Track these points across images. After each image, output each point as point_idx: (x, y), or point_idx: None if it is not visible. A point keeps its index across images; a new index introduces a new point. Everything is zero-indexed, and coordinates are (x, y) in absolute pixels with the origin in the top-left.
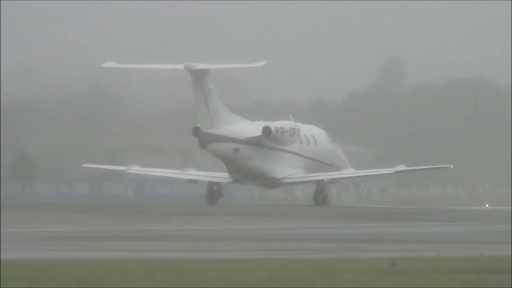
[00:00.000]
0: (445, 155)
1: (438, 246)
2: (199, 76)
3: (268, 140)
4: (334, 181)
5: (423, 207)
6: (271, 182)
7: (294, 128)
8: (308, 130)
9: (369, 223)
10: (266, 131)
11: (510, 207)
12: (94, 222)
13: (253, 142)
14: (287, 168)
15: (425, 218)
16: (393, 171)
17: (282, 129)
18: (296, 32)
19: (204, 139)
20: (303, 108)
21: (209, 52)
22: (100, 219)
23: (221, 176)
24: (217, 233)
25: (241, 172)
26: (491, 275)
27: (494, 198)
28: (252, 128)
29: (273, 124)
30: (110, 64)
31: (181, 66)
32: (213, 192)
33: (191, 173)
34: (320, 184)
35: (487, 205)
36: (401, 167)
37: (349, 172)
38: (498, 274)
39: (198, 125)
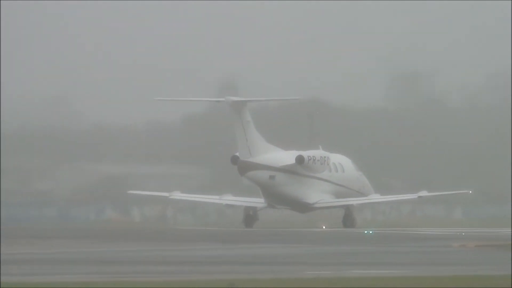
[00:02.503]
0: None
1: (274, 267)
2: (238, 108)
3: (301, 168)
4: (362, 206)
5: (262, 229)
6: (304, 207)
7: (324, 157)
8: (336, 158)
9: (207, 245)
10: (300, 159)
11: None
12: None
13: (288, 170)
14: (318, 194)
15: (261, 240)
16: (416, 196)
17: (314, 158)
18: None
19: (243, 167)
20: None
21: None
22: None
23: (257, 201)
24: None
25: (277, 198)
26: None
27: (330, 220)
28: (286, 157)
29: (305, 153)
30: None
31: (222, 99)
32: (249, 216)
33: (229, 199)
34: (349, 208)
35: (324, 227)
36: (424, 193)
37: (376, 197)
38: None
39: (237, 154)
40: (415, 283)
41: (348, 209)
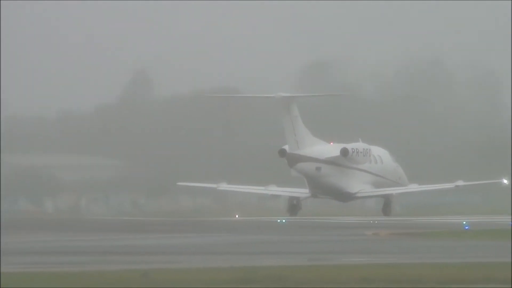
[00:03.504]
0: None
1: (189, 257)
2: (287, 104)
3: (345, 160)
4: (400, 195)
5: (174, 219)
6: (346, 196)
7: (366, 149)
8: (375, 150)
9: (120, 235)
10: (344, 152)
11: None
12: None
13: (332, 162)
14: (359, 184)
15: (175, 230)
16: (453, 186)
17: (357, 150)
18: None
19: (292, 160)
20: (51, 122)
21: None
22: None
23: (301, 191)
24: None
25: (321, 188)
26: (247, 286)
27: (243, 209)
28: (331, 149)
29: (349, 146)
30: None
31: (273, 95)
32: (293, 205)
33: (274, 189)
34: (389, 197)
35: (237, 216)
36: (460, 182)
37: (414, 187)
38: (254, 284)
39: (284, 147)
40: (321, 272)
41: (387, 198)
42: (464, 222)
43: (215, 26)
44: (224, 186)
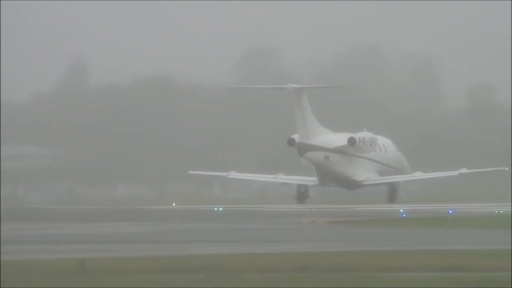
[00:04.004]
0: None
1: (126, 246)
2: (297, 95)
3: (352, 149)
4: (407, 183)
5: (111, 207)
6: (353, 184)
7: (372, 138)
8: (380, 139)
9: (56, 224)
10: (352, 141)
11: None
12: None
13: (340, 151)
14: (365, 172)
15: (112, 219)
16: (457, 173)
17: (364, 139)
18: None
19: (302, 149)
20: None
21: None
22: None
23: (309, 179)
24: None
25: (329, 176)
26: (183, 274)
27: (180, 197)
28: (339, 139)
29: (356, 135)
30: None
31: (284, 86)
32: (301, 193)
33: (283, 177)
34: (394, 185)
35: (174, 204)
36: (464, 170)
37: (419, 174)
38: (189, 274)
39: (293, 136)
40: (255, 260)
41: (393, 186)
42: (401, 210)
43: (151, 15)
44: (233, 175)
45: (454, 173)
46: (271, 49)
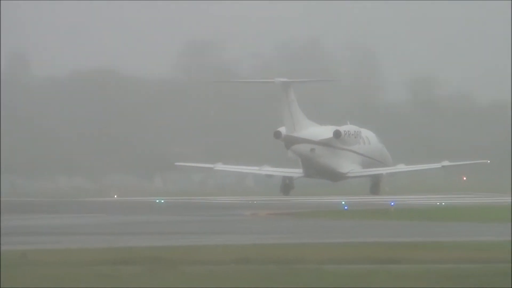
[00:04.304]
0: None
1: (67, 238)
2: (285, 88)
3: (337, 141)
4: (391, 175)
5: (52, 199)
6: (338, 176)
7: (357, 131)
8: (364, 132)
9: None
10: (337, 134)
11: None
12: None
13: (326, 143)
14: (349, 164)
15: (53, 211)
16: (440, 166)
17: (349, 132)
18: None
19: (289, 141)
20: None
21: None
22: None
23: (294, 171)
24: None
25: (315, 168)
26: (123, 267)
27: (122, 189)
28: (324, 131)
29: (342, 128)
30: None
31: (272, 80)
32: (286, 185)
33: (268, 169)
34: (378, 177)
35: (115, 196)
36: (446, 162)
37: (402, 167)
38: (129, 266)
39: (279, 129)
40: (201, 253)
41: (376, 178)
42: (343, 202)
43: (92, 7)
44: (220, 166)
45: (437, 165)
46: (212, 41)
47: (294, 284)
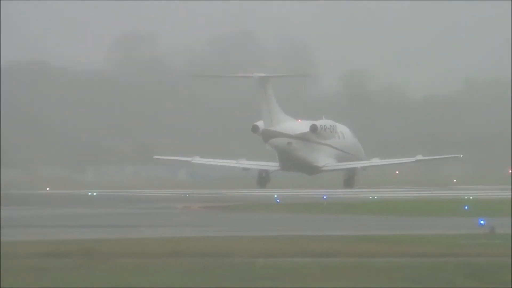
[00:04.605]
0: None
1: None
2: (263, 83)
3: (313, 136)
4: (364, 168)
5: None
6: (313, 170)
7: (333, 126)
8: (339, 127)
9: None
10: (313, 128)
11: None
12: None
13: (302, 137)
14: (325, 158)
15: None
16: (414, 160)
17: (325, 127)
18: None
19: (267, 135)
20: None
21: None
22: None
23: (270, 164)
24: None
25: (292, 161)
26: (55, 259)
27: (54, 181)
28: (301, 126)
29: (318, 123)
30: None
31: (251, 75)
32: (262, 177)
33: (245, 162)
34: (352, 171)
35: (48, 189)
36: (420, 157)
37: (376, 161)
38: (61, 258)
39: (257, 123)
40: (130, 245)
41: (351, 171)
42: (276, 196)
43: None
44: (197, 160)
45: (411, 159)
46: (145, 34)
47: (225, 277)
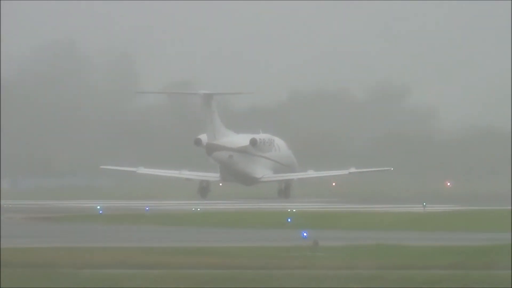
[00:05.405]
0: None
1: None
2: (207, 100)
3: (253, 149)
4: (300, 180)
5: None
6: (252, 181)
7: (271, 139)
8: (276, 140)
9: None
10: (253, 142)
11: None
12: None
13: (243, 150)
14: (263, 170)
15: None
16: (347, 172)
17: (264, 140)
18: None
19: (210, 148)
20: None
21: None
22: None
23: (211, 175)
24: None
25: (232, 173)
26: None
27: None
28: (241, 139)
29: (257, 136)
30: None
31: (195, 92)
32: (203, 188)
33: (187, 173)
34: (288, 182)
35: None
36: (353, 169)
37: (312, 173)
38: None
39: (199, 137)
40: None
41: (287, 183)
42: (99, 207)
43: None
44: (142, 170)
45: (344, 172)
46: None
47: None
